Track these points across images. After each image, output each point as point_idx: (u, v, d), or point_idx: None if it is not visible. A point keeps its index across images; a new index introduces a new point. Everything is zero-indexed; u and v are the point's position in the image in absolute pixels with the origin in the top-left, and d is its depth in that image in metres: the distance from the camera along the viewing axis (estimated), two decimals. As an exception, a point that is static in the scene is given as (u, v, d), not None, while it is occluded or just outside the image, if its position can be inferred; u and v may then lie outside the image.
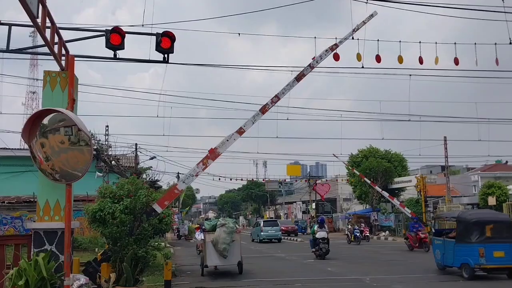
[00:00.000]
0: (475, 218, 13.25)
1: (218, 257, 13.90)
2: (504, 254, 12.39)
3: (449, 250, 13.56)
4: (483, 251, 12.36)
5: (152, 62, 9.26)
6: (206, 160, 10.11)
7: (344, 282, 12.68)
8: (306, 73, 11.64)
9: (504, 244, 12.56)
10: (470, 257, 12.58)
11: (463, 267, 12.92)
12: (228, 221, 14.48)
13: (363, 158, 47.25)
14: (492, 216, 14.15)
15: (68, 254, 6.70)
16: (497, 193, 32.01)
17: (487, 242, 12.54)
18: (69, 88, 7.00)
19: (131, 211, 8.27)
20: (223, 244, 13.73)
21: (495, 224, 12.95)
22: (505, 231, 12.83)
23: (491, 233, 12.66)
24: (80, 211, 19.19)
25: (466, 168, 64.62)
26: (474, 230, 12.77)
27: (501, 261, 12.39)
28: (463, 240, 12.96)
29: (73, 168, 6.71)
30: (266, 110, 11.22)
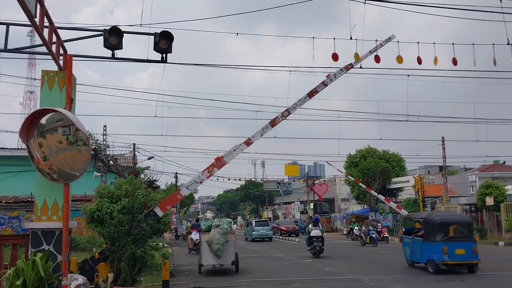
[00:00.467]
0: (440, 219, 14.59)
1: (213, 256, 14.40)
2: (464, 252, 13.82)
3: (417, 248, 14.95)
4: (446, 249, 13.68)
5: (150, 62, 9.25)
6: (212, 168, 10.11)
7: (342, 282, 12.69)
8: (319, 90, 11.77)
9: (465, 243, 13.96)
10: (435, 254, 13.91)
11: (429, 263, 14.24)
12: (222, 222, 14.84)
13: (361, 158, 47.32)
14: (455, 217, 15.89)
15: (66, 254, 6.69)
16: (494, 193, 32.07)
17: (450, 241, 13.87)
18: (67, 87, 6.99)
19: (129, 211, 8.26)
20: (217, 244, 14.19)
21: (457, 224, 14.32)
22: (466, 231, 14.26)
23: (454, 233, 14.01)
24: (78, 211, 19.19)
25: (464, 168, 64.72)
26: (439, 230, 14.09)
27: (462, 257, 13.83)
28: (429, 239, 14.24)
29: (71, 168, 6.70)
30: (275, 124, 11.34)
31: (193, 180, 10.34)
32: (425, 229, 14.89)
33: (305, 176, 63.87)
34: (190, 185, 10.35)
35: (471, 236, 14.52)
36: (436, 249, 13.93)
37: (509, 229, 28.36)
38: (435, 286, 11.62)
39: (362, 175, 44.25)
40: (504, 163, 54.25)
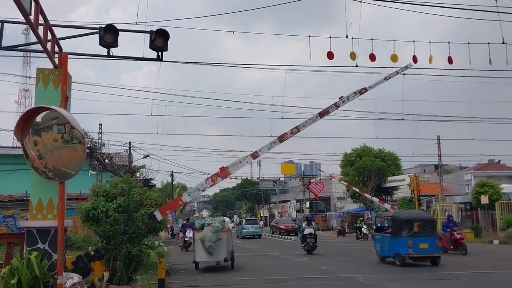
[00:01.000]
0: (405, 217, 16.25)
1: (206, 253, 15.00)
2: (428, 246, 15.23)
3: (386, 243, 16.33)
4: (411, 244, 15.12)
5: (146, 60, 9.21)
6: (216, 177, 10.12)
7: (337, 280, 12.71)
8: (330, 111, 11.87)
9: (428, 238, 15.42)
10: (401, 248, 15.35)
11: (396, 257, 15.68)
12: (214, 221, 15.53)
13: (357, 157, 47.39)
14: (419, 215, 17.57)
15: (61, 253, 6.67)
16: (489, 192, 32.21)
17: (415, 236, 15.34)
18: (62, 85, 6.96)
19: (124, 210, 8.24)
20: (208, 242, 14.80)
21: (421, 221, 15.85)
22: (429, 227, 15.83)
23: (418, 229, 15.49)
24: (74, 210, 19.08)
25: (459, 167, 64.99)
26: (405, 226, 15.63)
27: (426, 251, 15.26)
28: (396, 235, 15.71)
29: (66, 166, 6.68)
30: (284, 139, 11.44)
31: (196, 188, 10.36)
32: (392, 226, 16.37)
33: (301, 174, 63.92)
34: (192, 192, 10.39)
35: (434, 232, 16.17)
36: (402, 244, 15.29)
37: (504, 227, 28.50)
38: (431, 284, 11.67)
39: (357, 174, 44.35)
40: (499, 162, 54.54)
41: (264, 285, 12.04)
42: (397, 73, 12.27)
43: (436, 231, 16.77)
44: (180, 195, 10.96)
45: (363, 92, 11.84)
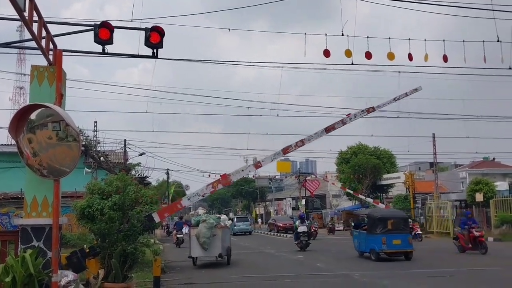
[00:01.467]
0: (379, 215, 17.53)
1: (200, 249, 15.60)
2: (400, 242, 16.38)
3: (362, 240, 17.56)
4: (385, 240, 16.22)
5: (141, 57, 9.20)
6: (217, 184, 10.18)
7: (333, 278, 12.75)
8: (337, 127, 12.02)
9: (401, 235, 16.59)
10: (376, 244, 16.44)
11: (371, 252, 16.73)
12: (209, 218, 16.16)
13: (352, 154, 47.47)
14: (392, 213, 18.86)
15: (56, 251, 6.64)
16: (484, 189, 32.34)
17: (388, 233, 16.43)
18: (57, 83, 6.92)
19: (119, 208, 8.22)
20: (203, 238, 15.43)
21: (394, 219, 17.00)
22: (402, 225, 16.96)
23: (391, 226, 16.55)
24: (69, 208, 18.99)
25: (454, 165, 65.27)
26: (379, 224, 16.69)
27: (398, 247, 16.43)
28: (371, 232, 16.81)
29: (61, 164, 6.65)
30: (287, 151, 11.58)
31: (196, 193, 10.39)
32: (368, 224, 17.47)
33: (297, 172, 64.00)
34: (192, 196, 10.42)
35: (406, 229, 17.31)
36: (376, 240, 16.44)
37: (498, 225, 28.65)
38: (426, 281, 11.71)
39: (353, 172, 44.44)
40: (494, 159, 54.81)
41: (260, 283, 12.05)
42: (406, 95, 12.44)
43: (408, 228, 18.07)
44: (179, 199, 10.97)
45: (371, 111, 12.07)
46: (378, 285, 11.14)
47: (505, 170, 51.35)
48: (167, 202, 53.35)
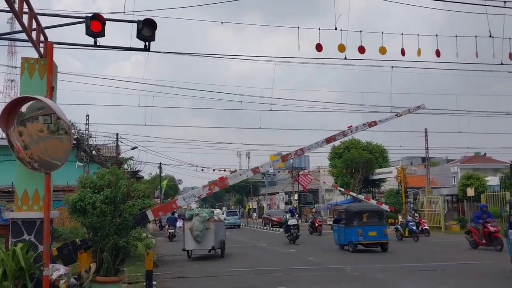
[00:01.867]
0: (356, 209, 19.05)
1: (194, 242, 16.10)
2: (376, 234, 17.58)
3: (341, 232, 18.66)
4: (361, 232, 17.48)
5: (133, 50, 9.12)
6: (213, 186, 10.22)
7: (325, 271, 12.81)
8: (338, 138, 12.17)
9: (376, 227, 17.83)
10: (353, 236, 17.70)
11: (349, 244, 17.91)
12: (202, 211, 16.61)
13: (345, 149, 47.61)
14: (368, 207, 19.94)
15: (48, 244, 6.60)
16: (475, 184, 32.57)
17: (364, 225, 17.72)
18: (48, 75, 6.85)
19: (111, 201, 8.17)
20: (196, 231, 15.97)
21: (370, 213, 18.32)
22: (377, 218, 18.27)
23: (367, 219, 17.87)
24: (60, 201, 18.90)
25: (446, 159, 65.67)
26: (356, 217, 18.02)
27: (374, 238, 17.61)
28: (349, 225, 18.08)
29: (52, 157, 6.60)
30: (286, 159, 11.64)
31: (192, 194, 10.41)
32: (346, 217, 18.81)
33: (290, 167, 64.06)
34: (187, 197, 10.42)
35: (382, 222, 18.57)
36: (354, 233, 17.72)
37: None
38: (418, 275, 11.80)
39: (345, 166, 44.57)
40: (485, 154, 55.20)
41: (252, 276, 12.09)
42: (409, 112, 12.57)
43: (384, 221, 19.30)
44: (174, 199, 10.98)
45: (373, 125, 12.35)
46: (371, 279, 11.21)
47: (496, 165, 51.73)
48: (160, 197, 53.28)
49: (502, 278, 11.20)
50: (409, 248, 19.39)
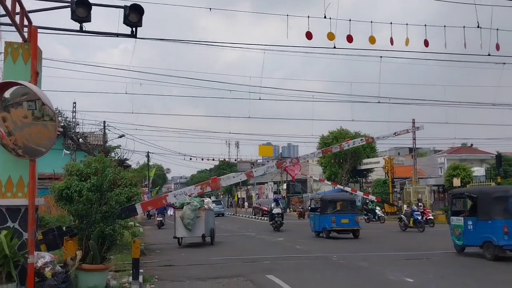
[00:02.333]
0: (330, 197, 20.77)
1: (185, 229, 16.49)
2: (348, 221, 18.83)
3: (317, 220, 19.78)
4: (334, 219, 18.76)
5: (119, 36, 8.96)
6: (206, 186, 10.30)
7: (311, 259, 12.90)
8: (334, 150, 12.26)
9: (348, 214, 19.10)
10: (327, 223, 18.94)
11: (323, 230, 19.13)
12: (193, 200, 16.71)
13: (334, 139, 47.79)
14: (341, 196, 21.89)
15: (32, 232, 6.54)
16: (461, 174, 33.00)
17: (337, 213, 19.07)
18: (32, 60, 6.73)
19: (98, 189, 8.12)
20: (187, 219, 16.32)
21: (343, 201, 19.72)
22: (350, 206, 19.49)
23: (340, 207, 19.24)
24: (47, 189, 18.73)
25: (433, 150, 66.24)
26: (329, 206, 19.33)
27: (346, 225, 18.88)
28: (323, 213, 19.27)
29: (37, 144, 6.51)
30: (281, 166, 11.75)
31: (183, 191, 10.44)
32: (320, 206, 19.87)
33: (279, 157, 64.19)
34: (178, 194, 10.44)
35: (354, 210, 19.81)
36: (327, 220, 18.96)
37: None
38: (403, 263, 11.92)
39: (333, 156, 44.77)
40: (472, 145, 55.74)
41: (240, 264, 12.12)
42: (407, 131, 12.65)
43: (356, 209, 20.56)
44: (165, 195, 10.97)
45: (370, 141, 12.51)
46: (356, 267, 11.31)
47: (483, 156, 52.30)
48: (148, 185, 53.10)
49: (485, 266, 11.39)
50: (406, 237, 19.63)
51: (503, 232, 11.85)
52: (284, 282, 9.13)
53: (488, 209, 12.49)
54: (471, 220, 12.96)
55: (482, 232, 12.43)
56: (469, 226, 12.97)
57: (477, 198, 13.29)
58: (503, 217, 12.09)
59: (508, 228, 11.85)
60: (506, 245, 11.86)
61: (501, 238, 11.85)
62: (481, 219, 12.59)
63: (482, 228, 12.48)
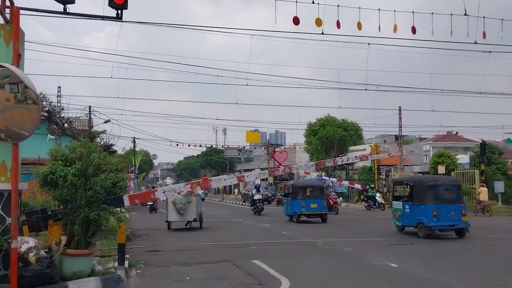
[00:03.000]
0: (300, 184, 22.08)
1: (177, 214, 17.18)
2: (317, 206, 20.25)
3: (289, 205, 21.28)
4: (304, 204, 20.08)
5: (104, 19, 8.82)
6: (196, 185, 10.45)
7: (297, 245, 13.00)
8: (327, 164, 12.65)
9: (317, 200, 20.45)
10: (297, 208, 20.26)
11: (294, 215, 20.49)
12: None
13: (321, 126, 47.96)
14: (311, 183, 23.33)
15: (16, 216, 6.46)
16: (446, 162, 33.39)
17: (307, 199, 20.33)
18: (14, 42, 6.58)
19: (82, 174, 8.03)
20: (179, 204, 16.98)
21: (312, 187, 21.11)
22: (319, 192, 20.92)
23: (310, 193, 20.52)
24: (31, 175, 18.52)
25: (419, 138, 66.89)
26: (300, 192, 20.56)
27: (315, 210, 20.27)
28: (294, 198, 20.59)
29: (20, 128, 6.40)
30: (273, 174, 11.93)
31: (172, 188, 10.48)
32: (292, 192, 21.35)
33: (266, 143, 64.27)
34: (167, 190, 10.50)
35: (323, 195, 21.20)
36: (298, 205, 20.24)
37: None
38: (387, 249, 12.08)
39: (320, 143, 44.96)
40: (457, 133, 56.41)
41: (225, 250, 12.18)
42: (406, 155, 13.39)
43: (324, 195, 22.06)
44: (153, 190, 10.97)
45: (364, 159, 13.16)
46: (341, 252, 11.43)
47: (467, 144, 52.97)
48: (134, 171, 52.85)
49: (467, 251, 11.62)
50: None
51: (433, 215, 13.92)
52: (269, 267, 9.20)
53: (422, 196, 14.48)
54: (408, 205, 14.92)
55: (417, 215, 14.47)
56: (407, 209, 14.97)
57: (413, 186, 15.23)
58: (433, 203, 14.10)
59: (437, 212, 13.95)
60: (435, 226, 14.05)
61: (431, 220, 13.97)
62: (416, 204, 14.55)
63: (416, 211, 14.50)
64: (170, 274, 8.90)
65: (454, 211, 14.11)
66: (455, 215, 14.10)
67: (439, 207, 13.99)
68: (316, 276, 8.56)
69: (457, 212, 14.14)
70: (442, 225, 14.05)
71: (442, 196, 14.41)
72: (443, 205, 14.05)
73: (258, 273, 8.73)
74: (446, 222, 14.02)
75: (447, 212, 14.02)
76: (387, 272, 8.89)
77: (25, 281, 6.46)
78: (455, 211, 14.11)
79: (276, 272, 8.74)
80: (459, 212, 14.17)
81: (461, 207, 14.29)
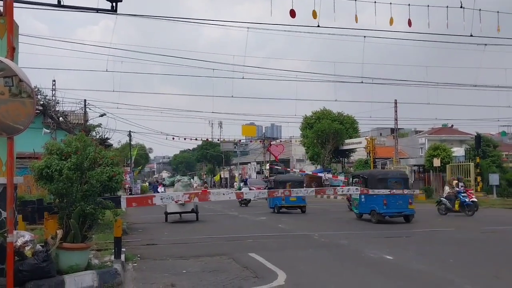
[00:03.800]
0: (281, 179, 24.57)
1: (176, 205, 17.12)
2: (296, 199, 21.32)
3: (271, 198, 22.44)
4: (283, 197, 20.70)
5: (99, 12, 8.74)
6: (194, 196, 10.47)
7: (293, 238, 13.04)
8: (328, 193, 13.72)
9: None
10: (278, 201, 21.87)
11: (275, 207, 22.27)
12: (183, 178, 19.15)
13: (317, 119, 47.96)
14: (291, 177, 27.12)
15: (11, 210, 6.44)
16: (441, 155, 33.49)
17: None
18: (8, 35, 6.52)
19: (78, 167, 8.00)
20: None
21: (292, 182, 22.76)
22: (298, 186, 22.11)
23: (290, 186, 20.86)
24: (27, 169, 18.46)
25: (415, 131, 67.08)
26: (280, 185, 22.02)
27: (294, 202, 21.79)
28: None
29: (14, 121, 6.36)
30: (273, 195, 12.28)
31: (170, 195, 10.57)
32: (274, 186, 23.09)
33: (262, 137, 64.27)
34: (165, 197, 10.55)
35: None
36: (278, 198, 21.28)
37: (453, 188, 29.79)
38: (382, 241, 12.14)
39: (316, 136, 44.99)
40: (452, 126, 56.59)
41: (222, 243, 12.20)
42: None
43: None
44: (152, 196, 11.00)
45: (365, 192, 15.57)
46: (337, 245, 11.47)
47: (462, 136, 53.18)
48: (130, 165, 52.76)
49: (465, 244, 11.70)
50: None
51: (383, 204, 16.08)
52: (266, 260, 9.23)
53: (374, 187, 16.29)
54: (363, 195, 16.75)
55: (370, 203, 16.62)
56: (362, 199, 17.11)
57: (367, 178, 17.46)
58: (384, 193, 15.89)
59: (387, 201, 16.05)
60: (385, 212, 16.23)
61: (381, 207, 16.15)
62: (369, 194, 16.17)
63: (370, 200, 16.58)
64: (167, 267, 8.91)
65: (401, 200, 16.30)
66: (403, 203, 16.30)
67: (389, 197, 16.01)
68: (313, 269, 8.59)
69: (404, 201, 16.35)
70: (391, 212, 16.28)
71: (391, 187, 16.46)
72: (392, 195, 16.02)
73: (255, 266, 8.75)
74: (394, 209, 16.25)
75: (396, 201, 16.17)
76: (383, 265, 8.93)
77: (21, 275, 6.45)
78: (402, 200, 16.31)
79: (273, 265, 8.76)
80: (406, 201, 16.39)
81: (408, 196, 16.49)
